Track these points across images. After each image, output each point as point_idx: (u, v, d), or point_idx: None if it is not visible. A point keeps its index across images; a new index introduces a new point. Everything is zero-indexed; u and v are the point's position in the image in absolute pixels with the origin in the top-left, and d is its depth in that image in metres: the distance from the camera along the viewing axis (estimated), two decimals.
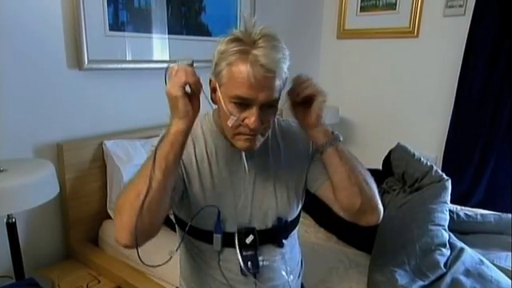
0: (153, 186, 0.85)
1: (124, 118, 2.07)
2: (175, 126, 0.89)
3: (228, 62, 0.91)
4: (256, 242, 1.05)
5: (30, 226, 1.80)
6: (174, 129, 0.89)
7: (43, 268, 1.81)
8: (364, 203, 1.03)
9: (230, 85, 0.92)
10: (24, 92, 1.69)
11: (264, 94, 0.91)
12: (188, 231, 1.07)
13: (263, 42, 0.90)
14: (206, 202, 1.03)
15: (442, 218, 1.57)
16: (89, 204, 1.92)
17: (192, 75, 0.87)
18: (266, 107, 0.94)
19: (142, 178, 0.86)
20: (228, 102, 0.93)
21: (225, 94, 0.94)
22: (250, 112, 0.92)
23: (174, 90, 0.87)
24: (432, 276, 1.35)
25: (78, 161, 1.84)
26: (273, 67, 0.90)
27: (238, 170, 1.06)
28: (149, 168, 0.86)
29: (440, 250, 1.43)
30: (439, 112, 2.80)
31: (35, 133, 1.75)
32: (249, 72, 0.88)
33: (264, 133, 1.00)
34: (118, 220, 0.87)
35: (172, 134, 0.88)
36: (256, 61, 0.88)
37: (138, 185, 0.86)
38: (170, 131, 0.89)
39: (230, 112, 0.94)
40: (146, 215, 0.85)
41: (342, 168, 1.02)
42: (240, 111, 0.93)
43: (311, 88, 1.01)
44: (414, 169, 1.77)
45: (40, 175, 1.47)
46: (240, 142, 0.98)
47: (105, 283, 1.72)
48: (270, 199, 1.08)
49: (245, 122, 0.93)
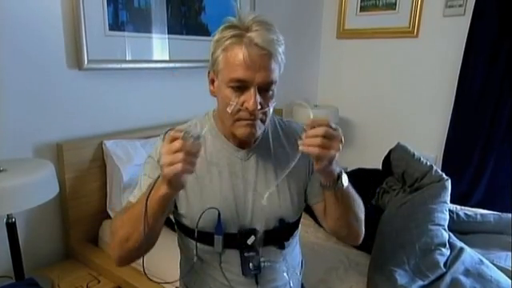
0: (141, 230, 0.89)
1: (124, 117, 2.06)
2: (164, 190, 0.84)
3: (223, 47, 0.93)
4: (257, 243, 1.05)
5: (30, 226, 1.79)
6: (162, 191, 0.84)
7: (43, 268, 1.80)
8: (349, 234, 1.12)
9: (227, 69, 0.93)
10: (24, 92, 1.69)
11: (261, 75, 0.92)
12: (189, 233, 1.08)
13: (257, 26, 0.91)
14: (206, 204, 1.03)
15: (442, 217, 1.57)
16: (88, 204, 1.92)
17: (193, 160, 0.81)
18: (263, 90, 0.95)
19: (131, 223, 0.90)
20: (226, 87, 0.94)
21: (222, 80, 0.95)
22: (248, 94, 0.93)
23: (169, 172, 0.80)
24: (432, 276, 1.35)
25: (77, 161, 1.84)
26: (267, 46, 0.91)
27: (239, 172, 1.06)
28: (138, 214, 0.88)
29: (440, 249, 1.43)
30: (439, 112, 2.80)
31: (35, 133, 1.75)
32: (244, 53, 0.90)
33: (264, 119, 0.99)
34: (111, 247, 0.96)
35: (161, 197, 0.85)
36: (251, 41, 0.90)
37: (129, 228, 0.91)
38: (159, 193, 0.85)
39: (228, 98, 0.94)
40: (135, 251, 0.95)
41: (337, 208, 1.03)
42: (238, 96, 0.94)
43: (317, 150, 0.87)
44: (414, 169, 1.77)
45: (40, 175, 1.47)
46: (240, 129, 0.98)
47: (105, 283, 1.71)
48: (271, 200, 1.07)
49: (244, 106, 0.94)
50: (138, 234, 0.89)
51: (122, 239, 0.93)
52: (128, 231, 0.92)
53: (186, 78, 2.29)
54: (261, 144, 1.09)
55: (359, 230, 1.11)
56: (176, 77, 2.25)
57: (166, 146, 0.80)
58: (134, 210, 0.92)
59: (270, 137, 1.12)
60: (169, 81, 2.24)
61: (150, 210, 0.87)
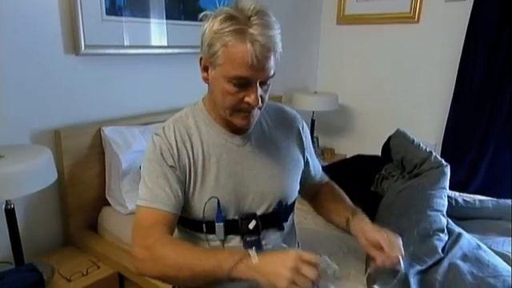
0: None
1: (122, 104, 2.05)
2: (252, 278, 0.84)
3: (223, 42, 0.90)
4: (259, 227, 1.07)
5: (29, 213, 1.80)
6: (248, 277, 0.84)
7: (42, 254, 1.81)
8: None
9: (228, 66, 0.91)
10: (20, 77, 1.67)
11: (264, 73, 0.93)
12: (190, 225, 1.09)
13: (257, 18, 0.90)
14: (206, 193, 1.04)
15: (441, 203, 1.57)
16: (88, 191, 1.92)
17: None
18: (263, 83, 0.96)
19: (187, 272, 0.89)
20: (225, 82, 0.94)
21: (221, 74, 0.94)
22: (250, 90, 0.94)
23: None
24: (429, 261, 1.35)
25: (76, 147, 1.83)
26: (271, 45, 0.91)
27: (236, 158, 1.07)
28: (200, 273, 0.88)
29: (438, 235, 1.44)
30: (439, 99, 2.79)
31: (32, 119, 1.74)
32: (250, 53, 0.88)
33: (261, 107, 1.01)
34: (146, 258, 0.93)
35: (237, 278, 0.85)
36: (255, 40, 0.88)
37: (181, 272, 0.90)
38: (239, 275, 0.85)
39: (228, 92, 0.94)
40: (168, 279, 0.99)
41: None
42: (239, 90, 0.94)
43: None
44: (413, 155, 1.77)
45: (38, 161, 1.47)
46: (239, 120, 1.00)
47: (104, 269, 1.72)
48: (270, 184, 1.09)
49: (245, 100, 0.95)
50: (180, 281, 0.98)
51: (168, 270, 0.92)
52: (177, 274, 0.91)
53: (185, 64, 2.27)
54: (256, 129, 1.11)
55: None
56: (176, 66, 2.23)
57: (302, 265, 0.80)
58: (199, 263, 0.89)
59: (264, 121, 1.14)
60: (167, 67, 2.22)
61: (216, 279, 0.89)
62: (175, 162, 1.01)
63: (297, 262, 0.80)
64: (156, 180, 1.00)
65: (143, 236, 0.96)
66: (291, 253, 0.82)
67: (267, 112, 1.15)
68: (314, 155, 1.30)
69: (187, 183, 1.03)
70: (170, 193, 0.99)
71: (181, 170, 1.02)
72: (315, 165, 1.30)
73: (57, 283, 1.62)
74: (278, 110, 1.19)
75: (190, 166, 1.03)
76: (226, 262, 0.85)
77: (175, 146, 1.02)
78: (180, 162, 1.02)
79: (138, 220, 1.00)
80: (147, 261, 0.93)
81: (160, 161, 1.01)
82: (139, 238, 0.97)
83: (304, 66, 3.27)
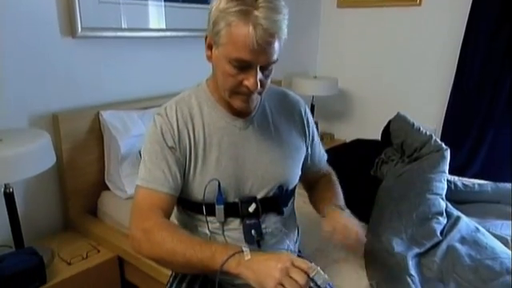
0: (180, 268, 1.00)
1: (120, 88, 2.03)
2: (241, 275, 0.84)
3: (227, 22, 0.88)
4: (259, 211, 1.06)
5: (28, 197, 1.80)
6: (237, 274, 0.84)
7: (42, 238, 1.82)
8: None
9: (230, 47, 0.90)
10: (17, 60, 1.65)
11: (264, 57, 0.91)
12: (191, 206, 1.09)
13: (265, 1, 0.87)
14: (207, 175, 1.03)
15: (440, 187, 1.57)
16: (86, 175, 1.92)
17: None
18: (264, 68, 0.94)
19: (179, 258, 0.89)
20: (226, 62, 0.92)
21: (223, 54, 0.92)
22: (250, 74, 0.92)
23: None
24: (428, 243, 1.36)
25: (74, 131, 1.82)
26: (275, 30, 0.88)
27: (238, 141, 1.06)
28: (192, 262, 0.88)
29: (437, 218, 1.44)
30: (440, 83, 2.78)
31: (30, 103, 1.72)
32: (251, 36, 0.86)
33: (261, 92, 0.99)
34: (142, 240, 0.94)
35: (227, 273, 0.86)
36: (258, 24, 0.86)
37: (173, 257, 0.90)
38: (230, 270, 0.85)
39: (228, 73, 0.93)
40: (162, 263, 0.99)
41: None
42: (239, 72, 0.92)
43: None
44: (414, 138, 1.76)
45: (36, 145, 1.46)
46: (238, 102, 0.98)
47: (104, 253, 1.73)
48: (271, 168, 1.08)
49: (244, 83, 0.93)
50: (174, 267, 1.02)
51: (163, 255, 0.92)
52: (172, 259, 0.91)
53: (184, 48, 2.24)
54: (259, 112, 1.10)
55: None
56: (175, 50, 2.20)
57: (292, 268, 0.80)
58: (193, 252, 0.89)
59: (268, 105, 1.13)
60: (166, 51, 2.20)
61: (208, 271, 0.89)
62: (175, 142, 1.01)
63: (288, 265, 0.80)
64: (155, 161, 1.00)
65: (141, 218, 0.97)
66: (284, 255, 0.83)
67: (271, 96, 1.14)
68: (318, 143, 1.28)
69: (187, 165, 1.03)
70: (168, 174, 1.00)
71: (181, 152, 1.02)
72: (318, 153, 1.27)
73: (57, 266, 1.63)
74: (282, 95, 1.18)
75: (191, 148, 1.03)
76: (219, 254, 0.86)
77: (176, 127, 1.02)
78: (180, 143, 1.02)
79: (137, 201, 1.00)
80: (144, 243, 0.94)
81: (160, 142, 1.01)
82: (137, 219, 0.97)
83: (304, 50, 3.24)
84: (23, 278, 1.44)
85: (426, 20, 2.76)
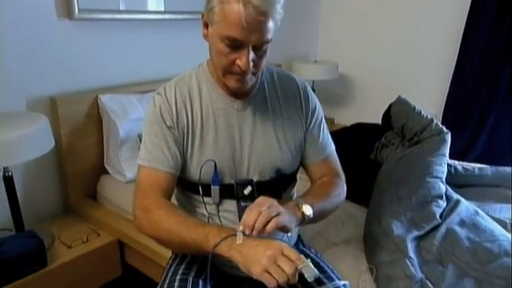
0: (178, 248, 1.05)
1: (119, 72, 2.01)
2: (232, 258, 0.85)
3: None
4: (254, 194, 1.06)
5: (28, 181, 1.79)
6: (229, 256, 0.85)
7: (42, 222, 1.83)
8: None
9: (222, 24, 0.89)
10: (13, 42, 1.63)
11: (256, 36, 0.89)
12: (187, 186, 1.09)
13: None
14: (204, 156, 1.04)
15: (440, 170, 1.56)
16: (86, 159, 1.91)
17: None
18: (257, 48, 0.92)
19: (176, 238, 0.91)
20: (219, 41, 0.91)
21: (216, 32, 0.91)
22: (242, 53, 0.91)
23: (262, 278, 0.80)
24: (427, 226, 1.36)
25: (72, 115, 1.81)
26: (266, 9, 0.86)
27: (235, 122, 1.06)
28: (188, 242, 0.90)
29: (436, 201, 1.44)
30: (441, 68, 2.75)
31: (27, 86, 1.71)
32: (241, 13, 0.85)
33: (256, 72, 0.98)
34: (144, 218, 0.96)
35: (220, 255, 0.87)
36: (248, 1, 0.84)
37: (171, 237, 0.93)
38: (222, 253, 0.86)
39: (221, 52, 0.92)
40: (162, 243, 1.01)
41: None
42: (231, 51, 0.91)
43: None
44: (414, 122, 1.75)
45: (34, 128, 1.45)
46: (232, 82, 0.98)
47: (104, 236, 1.74)
48: (268, 151, 1.07)
49: (236, 63, 0.92)
50: (171, 246, 1.04)
51: (161, 234, 0.95)
52: (168, 238, 0.94)
53: (183, 31, 2.22)
54: (257, 95, 1.09)
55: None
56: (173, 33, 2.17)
57: (280, 257, 0.79)
58: (188, 233, 0.90)
59: (267, 87, 1.11)
60: (165, 33, 2.17)
61: (201, 252, 0.90)
62: (174, 122, 1.03)
63: (276, 253, 0.80)
64: (155, 140, 1.02)
65: (142, 197, 0.99)
66: (276, 243, 0.83)
67: (272, 79, 1.13)
68: (322, 131, 1.18)
69: (185, 144, 1.04)
70: (168, 154, 1.02)
71: (179, 131, 1.03)
72: (320, 140, 1.17)
73: (58, 249, 1.64)
74: (285, 78, 1.15)
75: (189, 128, 1.04)
76: (213, 237, 0.87)
77: (174, 107, 1.03)
78: (179, 122, 1.03)
79: (139, 180, 1.03)
80: (144, 221, 0.97)
81: (159, 121, 1.03)
82: (139, 198, 1.00)
83: (304, 34, 3.20)
84: (24, 261, 1.45)
85: (428, 4, 2.72)
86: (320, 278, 1.06)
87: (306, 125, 1.14)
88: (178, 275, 1.06)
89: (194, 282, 1.04)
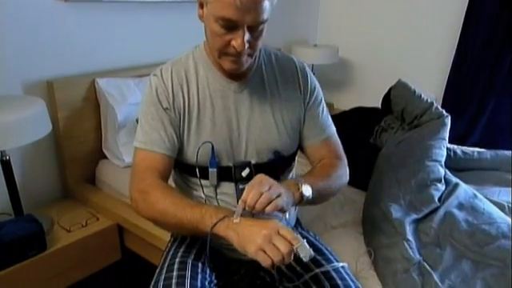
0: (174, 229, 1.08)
1: (116, 55, 1.99)
2: (227, 238, 0.85)
3: None
4: (252, 176, 1.05)
5: (26, 166, 1.79)
6: (224, 236, 0.86)
7: (41, 207, 1.83)
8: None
9: (217, 5, 0.87)
10: (8, 25, 1.60)
11: (251, 17, 0.87)
12: (185, 169, 1.09)
13: None
14: (201, 138, 1.03)
15: (440, 153, 1.56)
16: (84, 144, 1.90)
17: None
18: (253, 29, 0.91)
19: (172, 219, 0.92)
20: (214, 21, 0.90)
21: (211, 13, 0.90)
22: (237, 34, 0.90)
23: (258, 258, 0.80)
24: (426, 210, 1.36)
25: (69, 99, 1.80)
26: None
27: (232, 104, 1.05)
28: (184, 224, 0.90)
29: (435, 185, 1.44)
30: (442, 52, 2.72)
31: (23, 69, 1.68)
32: None
33: (252, 53, 0.97)
34: (140, 200, 0.97)
35: (216, 236, 0.87)
36: None
37: (166, 219, 0.94)
38: (219, 233, 0.86)
39: (215, 33, 0.91)
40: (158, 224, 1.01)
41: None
42: (226, 32, 0.90)
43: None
44: (414, 106, 1.74)
45: (31, 111, 1.43)
46: (227, 63, 0.97)
47: (103, 221, 1.75)
48: (266, 133, 1.07)
49: (231, 44, 0.91)
50: (168, 227, 1.04)
51: (157, 215, 0.95)
52: (164, 219, 0.95)
53: (181, 14, 2.18)
54: (254, 76, 1.08)
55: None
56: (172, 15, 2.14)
57: (276, 236, 0.80)
58: (184, 213, 0.91)
59: (264, 69, 1.10)
60: (163, 15, 2.14)
61: (198, 232, 0.90)
62: (170, 104, 1.02)
63: (272, 232, 0.80)
64: (151, 122, 1.02)
65: (138, 179, 0.99)
66: (272, 222, 0.83)
67: (269, 60, 1.11)
68: (322, 112, 1.16)
69: (182, 126, 1.04)
70: (164, 136, 1.01)
71: (175, 113, 1.03)
72: (319, 121, 1.15)
73: (57, 234, 1.64)
74: (285, 61, 1.13)
75: (185, 109, 1.03)
76: (209, 217, 0.87)
77: (171, 89, 1.03)
78: (175, 104, 1.03)
79: (136, 162, 1.03)
80: (140, 203, 0.98)
81: (156, 103, 1.02)
82: (135, 180, 1.00)
83: (304, 17, 3.16)
84: (23, 245, 1.46)
85: None
86: (318, 259, 1.07)
87: (304, 105, 1.13)
88: (177, 258, 1.06)
89: (194, 264, 1.04)
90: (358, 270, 1.23)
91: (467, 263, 1.18)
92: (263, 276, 1.17)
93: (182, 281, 0.97)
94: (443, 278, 1.13)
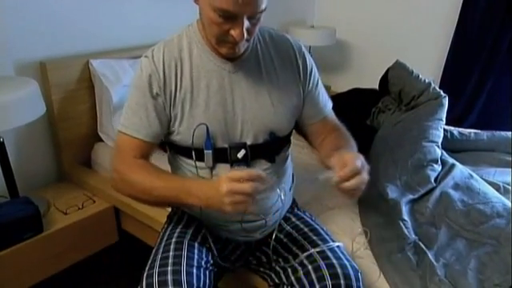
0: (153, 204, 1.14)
1: (110, 35, 1.95)
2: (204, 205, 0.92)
3: None
4: (248, 157, 1.05)
5: (21, 149, 1.77)
6: (198, 204, 0.93)
7: (37, 189, 1.82)
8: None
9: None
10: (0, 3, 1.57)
11: (251, 8, 0.86)
12: (180, 151, 1.08)
13: None
14: (195, 119, 1.01)
15: (436, 134, 1.56)
16: (79, 126, 1.89)
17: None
18: (252, 17, 0.90)
19: (149, 195, 0.99)
20: (211, 9, 0.88)
21: (209, 2, 0.87)
22: (236, 24, 0.89)
23: (230, 210, 0.86)
24: (422, 190, 1.37)
25: (63, 81, 1.77)
26: None
27: (227, 85, 1.03)
28: (163, 197, 0.98)
29: (432, 165, 1.45)
30: (440, 33, 2.69)
31: (15, 49, 1.65)
32: None
33: (249, 39, 0.95)
34: (119, 179, 1.03)
35: (194, 205, 0.94)
36: None
37: (144, 196, 1.01)
38: (195, 202, 0.93)
39: (213, 21, 0.89)
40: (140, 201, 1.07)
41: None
42: (224, 21, 0.88)
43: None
44: (412, 86, 1.73)
45: (24, 92, 1.41)
46: (224, 50, 0.96)
47: (100, 203, 1.74)
48: (261, 113, 1.05)
49: (230, 33, 0.90)
50: (150, 204, 1.08)
51: (135, 192, 1.01)
52: (143, 198, 1.02)
53: None
54: (250, 56, 1.06)
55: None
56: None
57: (235, 184, 0.83)
58: (160, 188, 0.97)
59: (260, 49, 1.08)
60: None
61: (175, 203, 1.00)
62: (161, 87, 1.00)
63: (228, 185, 0.83)
64: (135, 107, 1.02)
65: (118, 160, 1.03)
66: (220, 178, 0.85)
67: (265, 40, 1.09)
68: (321, 90, 1.18)
69: (174, 109, 1.02)
70: (145, 121, 1.01)
71: (166, 96, 1.01)
72: (321, 99, 1.17)
73: (53, 216, 1.64)
74: (280, 40, 1.12)
75: (177, 91, 1.01)
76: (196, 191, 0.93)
77: (162, 71, 1.00)
78: (166, 87, 1.01)
79: (117, 144, 1.06)
80: (119, 182, 1.03)
81: (143, 87, 1.01)
82: (115, 161, 1.04)
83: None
84: (20, 227, 1.45)
85: None
86: (314, 239, 1.08)
87: (304, 87, 1.12)
88: (173, 238, 1.06)
89: (190, 244, 1.05)
90: (354, 250, 1.24)
91: (462, 242, 1.19)
92: (259, 256, 1.18)
93: (179, 260, 0.97)
94: (438, 256, 1.15)
